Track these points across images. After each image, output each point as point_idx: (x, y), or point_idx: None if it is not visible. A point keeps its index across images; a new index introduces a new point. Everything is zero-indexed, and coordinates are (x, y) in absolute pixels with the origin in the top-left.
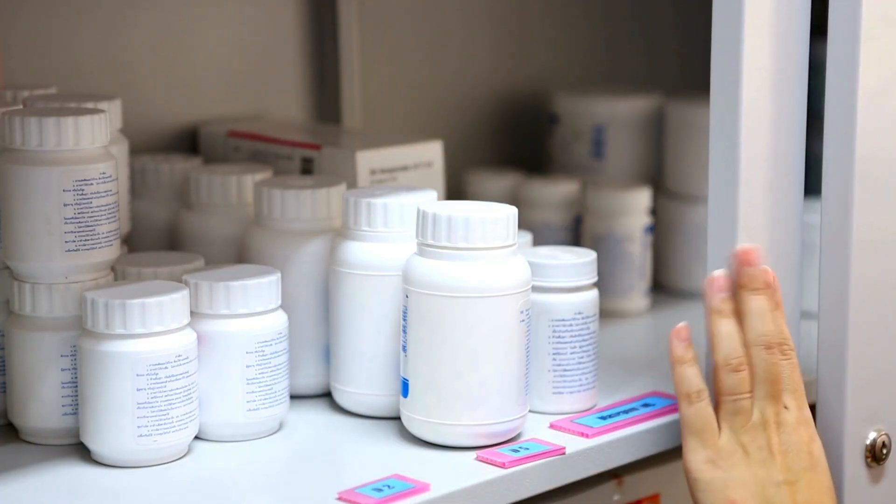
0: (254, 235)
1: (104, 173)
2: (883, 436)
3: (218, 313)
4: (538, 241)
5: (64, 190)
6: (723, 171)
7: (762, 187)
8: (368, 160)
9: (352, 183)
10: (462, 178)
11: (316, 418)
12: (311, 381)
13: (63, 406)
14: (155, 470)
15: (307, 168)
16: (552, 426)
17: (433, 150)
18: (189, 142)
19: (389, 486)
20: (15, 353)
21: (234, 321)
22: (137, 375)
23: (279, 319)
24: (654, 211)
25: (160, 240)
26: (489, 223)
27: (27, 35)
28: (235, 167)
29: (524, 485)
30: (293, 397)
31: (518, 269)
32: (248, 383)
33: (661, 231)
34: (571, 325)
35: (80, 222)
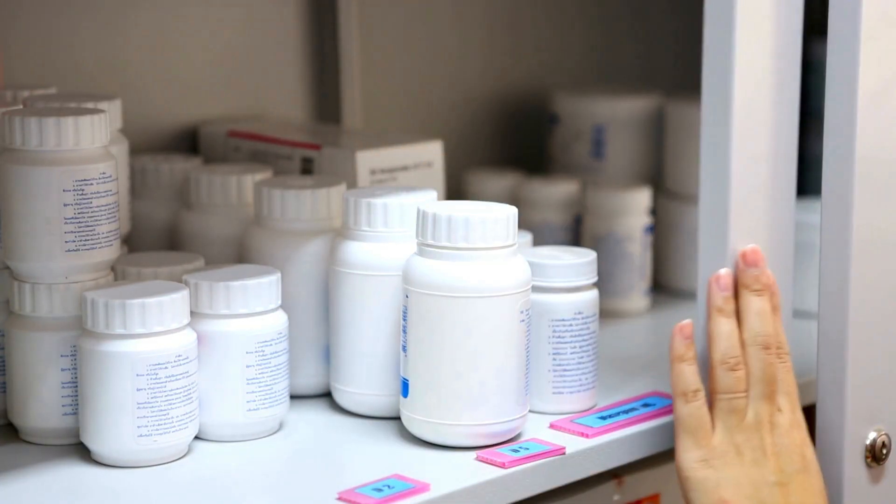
0: (254, 235)
1: (104, 173)
2: (883, 436)
3: (218, 313)
4: (538, 241)
5: (64, 190)
6: (714, 172)
7: (754, 188)
8: (368, 160)
9: (352, 183)
10: (462, 178)
11: (316, 418)
12: (311, 381)
13: (63, 406)
14: (155, 470)
15: (307, 168)
16: (552, 426)
17: (433, 150)
18: (189, 142)
19: (389, 486)
20: (15, 353)
21: (234, 321)
22: (137, 375)
23: (279, 319)
24: (654, 211)
25: (160, 240)
26: (489, 223)
27: (27, 35)
28: (235, 167)
29: (524, 485)
30: (293, 397)
31: (518, 269)
32: (248, 383)
33: (661, 231)
34: (571, 325)
35: (80, 222)
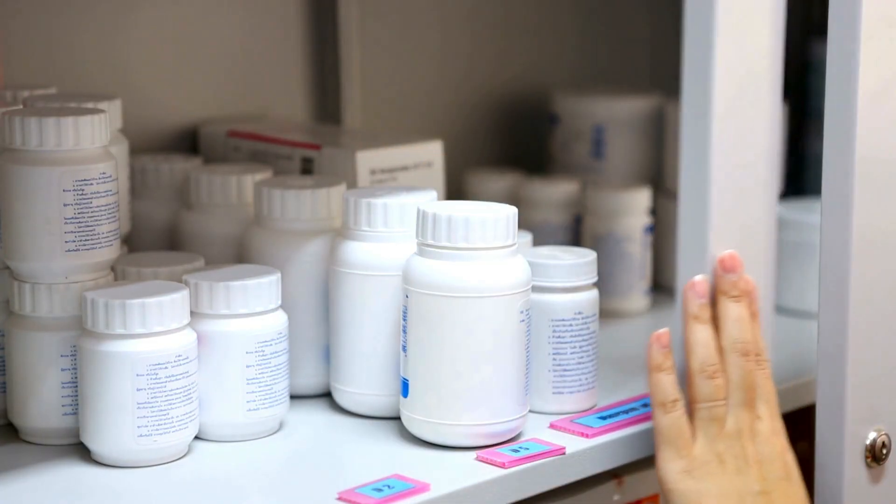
0: (254, 235)
1: (104, 173)
2: (883, 436)
3: (218, 313)
4: (538, 241)
5: (64, 190)
6: (694, 174)
7: (734, 189)
8: (368, 160)
9: (352, 183)
10: (462, 178)
11: (316, 418)
12: (311, 381)
13: (63, 406)
14: (155, 470)
15: (307, 168)
16: (552, 426)
17: (433, 150)
18: (189, 142)
19: (389, 486)
20: (15, 353)
21: (234, 321)
22: (137, 375)
23: (279, 319)
24: (654, 211)
25: (160, 240)
26: (489, 223)
27: (27, 35)
28: (235, 167)
29: (524, 485)
30: (293, 397)
31: (518, 269)
32: (248, 383)
33: (661, 231)
34: (571, 325)
35: (81, 222)
